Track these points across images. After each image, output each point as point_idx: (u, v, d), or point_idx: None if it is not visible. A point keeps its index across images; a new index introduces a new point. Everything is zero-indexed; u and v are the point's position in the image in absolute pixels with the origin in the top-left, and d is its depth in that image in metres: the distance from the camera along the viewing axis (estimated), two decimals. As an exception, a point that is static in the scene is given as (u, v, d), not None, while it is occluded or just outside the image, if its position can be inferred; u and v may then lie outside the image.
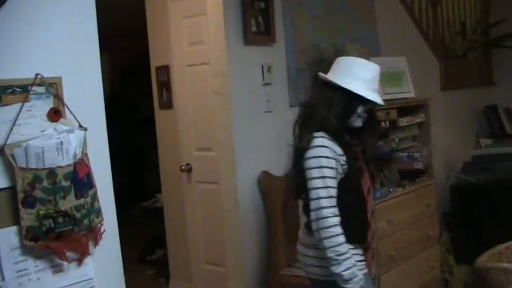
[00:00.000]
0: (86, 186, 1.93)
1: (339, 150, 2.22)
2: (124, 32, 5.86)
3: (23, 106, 1.84)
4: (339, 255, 2.12)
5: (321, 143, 2.20)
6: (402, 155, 3.96)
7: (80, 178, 1.91)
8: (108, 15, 3.13)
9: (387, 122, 3.75)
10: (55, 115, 1.91)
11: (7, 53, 1.82)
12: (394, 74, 4.11)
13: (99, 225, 2.00)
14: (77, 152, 1.92)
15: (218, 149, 3.53)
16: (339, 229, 2.13)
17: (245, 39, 3.43)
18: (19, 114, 1.83)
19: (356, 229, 2.24)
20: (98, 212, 1.99)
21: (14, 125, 1.81)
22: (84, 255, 1.96)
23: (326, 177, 2.16)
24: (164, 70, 4.19)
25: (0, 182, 1.80)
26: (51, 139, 1.87)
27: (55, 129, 1.90)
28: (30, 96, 1.86)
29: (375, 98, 2.25)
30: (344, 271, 2.12)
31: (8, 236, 1.81)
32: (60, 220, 1.85)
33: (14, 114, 1.82)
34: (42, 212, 1.82)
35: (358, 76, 2.24)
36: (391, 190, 3.73)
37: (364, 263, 2.30)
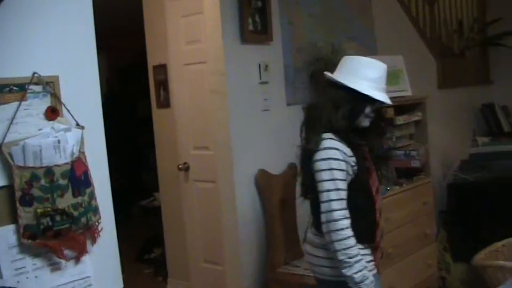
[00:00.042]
0: (83, 185, 1.93)
1: (348, 152, 2.19)
2: (122, 32, 5.86)
3: (20, 104, 1.84)
4: (350, 258, 2.11)
5: (331, 145, 2.17)
6: (399, 153, 3.96)
7: (77, 177, 1.91)
8: (106, 15, 3.13)
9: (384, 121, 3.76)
10: (52, 113, 1.91)
11: (4, 51, 1.82)
12: (391, 73, 4.04)
13: (96, 223, 2.00)
14: (74, 151, 1.92)
15: (216, 147, 3.53)
16: (349, 231, 2.12)
17: (242, 37, 3.43)
18: (16, 113, 1.83)
19: (365, 229, 2.22)
20: (96, 210, 1.99)
21: (11, 123, 1.82)
22: (81, 253, 1.96)
23: (337, 179, 2.14)
24: (162, 69, 4.19)
25: (-2, 181, 1.81)
26: (48, 137, 1.87)
27: (52, 127, 1.90)
28: (27, 94, 1.86)
29: (383, 97, 2.22)
30: (355, 273, 2.11)
31: (6, 234, 1.81)
32: (57, 218, 1.85)
33: (12, 113, 1.82)
34: (39, 211, 1.82)
35: (365, 75, 2.20)
36: (388, 188, 3.73)
37: (373, 263, 2.27)
